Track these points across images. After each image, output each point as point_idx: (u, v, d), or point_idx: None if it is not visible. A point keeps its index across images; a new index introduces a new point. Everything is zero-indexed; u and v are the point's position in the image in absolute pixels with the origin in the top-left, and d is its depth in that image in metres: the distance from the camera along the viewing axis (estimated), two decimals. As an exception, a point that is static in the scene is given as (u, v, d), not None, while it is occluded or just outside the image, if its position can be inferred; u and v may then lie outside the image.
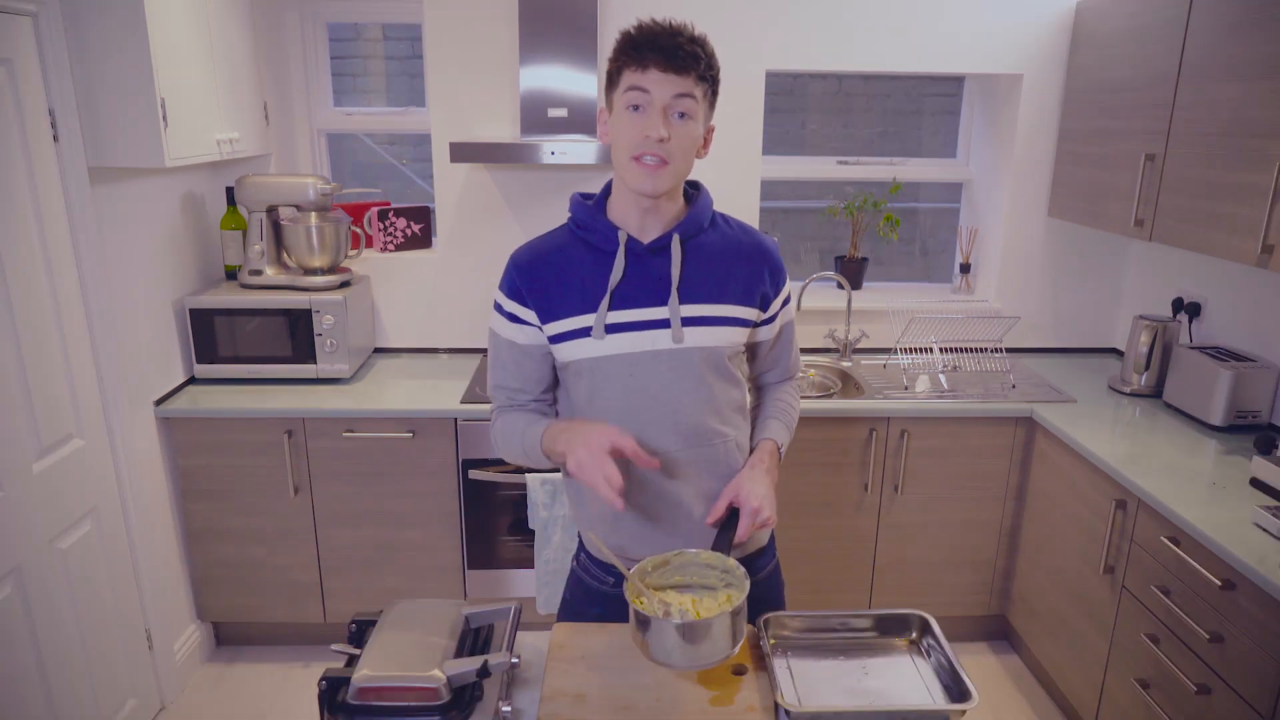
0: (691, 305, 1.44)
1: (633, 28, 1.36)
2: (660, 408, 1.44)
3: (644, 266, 1.44)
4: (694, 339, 1.43)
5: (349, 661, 1.26)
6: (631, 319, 1.42)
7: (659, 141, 1.34)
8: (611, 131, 1.41)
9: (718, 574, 1.35)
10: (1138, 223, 2.55)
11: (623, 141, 1.37)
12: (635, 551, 1.49)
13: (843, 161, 3.39)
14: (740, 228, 1.53)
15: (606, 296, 1.42)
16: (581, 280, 1.44)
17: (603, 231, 1.44)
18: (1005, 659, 2.97)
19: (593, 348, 1.42)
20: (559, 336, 1.44)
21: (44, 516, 2.14)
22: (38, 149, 2.12)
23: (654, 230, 1.45)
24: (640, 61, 1.34)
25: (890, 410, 2.74)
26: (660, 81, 1.33)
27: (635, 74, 1.34)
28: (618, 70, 1.38)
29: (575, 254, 1.46)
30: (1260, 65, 2.07)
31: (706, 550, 1.37)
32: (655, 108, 1.34)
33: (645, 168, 1.36)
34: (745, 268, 1.49)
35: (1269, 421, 2.49)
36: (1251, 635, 1.80)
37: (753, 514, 1.39)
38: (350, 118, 3.30)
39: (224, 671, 2.86)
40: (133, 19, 2.21)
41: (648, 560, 1.34)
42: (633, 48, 1.34)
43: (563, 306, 1.43)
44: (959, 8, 2.98)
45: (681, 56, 1.33)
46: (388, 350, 3.27)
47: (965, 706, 1.23)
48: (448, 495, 2.77)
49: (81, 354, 2.30)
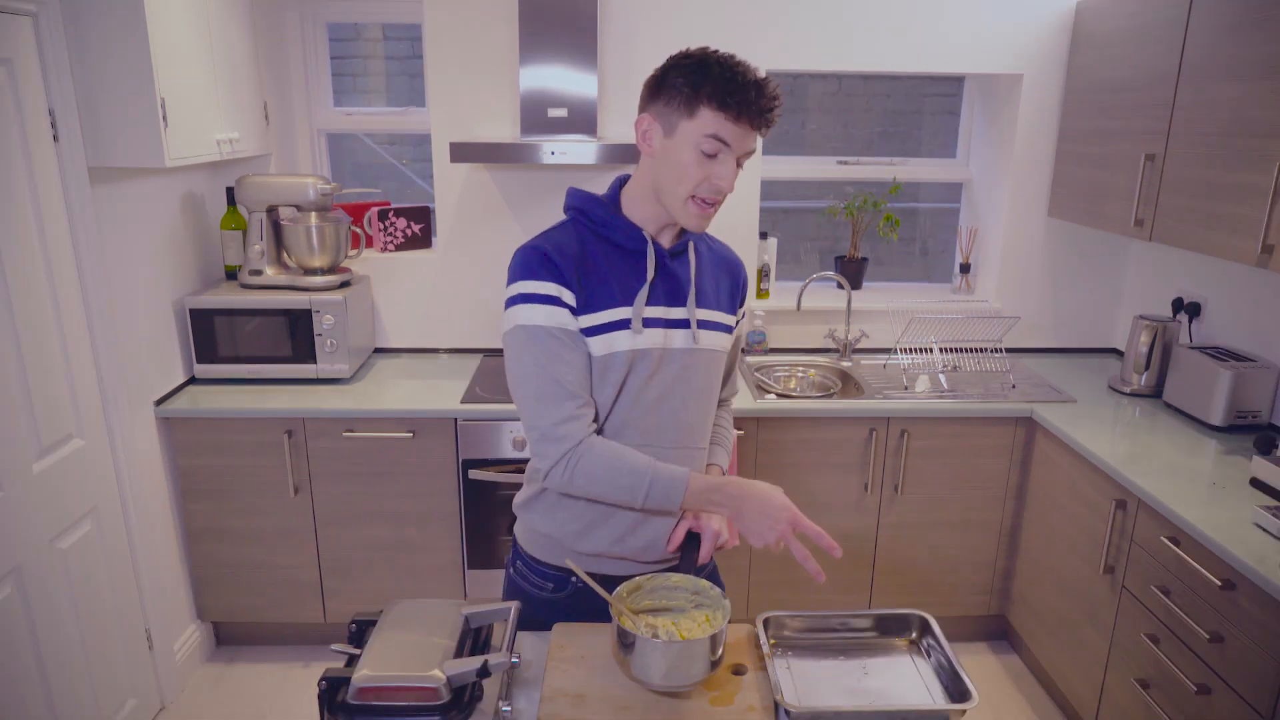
0: (702, 309, 1.50)
1: (725, 66, 1.30)
2: (666, 404, 1.46)
3: (666, 268, 1.47)
4: (706, 341, 1.49)
5: (349, 661, 1.26)
6: (660, 315, 1.45)
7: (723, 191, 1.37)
8: (671, 160, 1.36)
9: (688, 595, 1.38)
10: (1138, 223, 2.55)
11: (687, 179, 1.35)
12: (614, 550, 1.50)
13: (843, 161, 3.39)
14: (718, 243, 1.62)
15: (645, 289, 1.42)
16: (612, 274, 1.42)
17: (626, 229, 1.44)
18: (1005, 659, 2.97)
19: (631, 340, 1.41)
20: (595, 329, 1.40)
21: (44, 516, 2.14)
22: (38, 149, 2.12)
23: (666, 237, 1.49)
24: (734, 111, 1.30)
25: (890, 410, 2.74)
26: (745, 139, 1.34)
27: (725, 124, 1.31)
28: (699, 104, 1.31)
29: (601, 249, 1.44)
30: (1260, 65, 2.08)
31: (676, 574, 1.39)
32: (732, 160, 1.35)
33: (702, 209, 1.38)
34: (728, 277, 1.58)
35: (1269, 421, 2.49)
36: (1251, 635, 1.80)
37: (713, 536, 1.46)
38: (350, 118, 3.30)
39: (224, 671, 2.86)
40: (133, 19, 2.21)
41: (622, 586, 1.35)
42: (730, 93, 1.29)
43: (599, 298, 1.40)
44: (959, 8, 2.98)
45: (769, 122, 1.35)
46: (388, 350, 3.27)
47: (965, 706, 1.24)
48: (448, 495, 2.77)
49: (81, 354, 2.30)
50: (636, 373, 1.43)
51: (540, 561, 1.56)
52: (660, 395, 1.46)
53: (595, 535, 1.49)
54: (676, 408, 1.47)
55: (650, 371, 1.44)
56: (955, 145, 3.46)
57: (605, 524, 1.49)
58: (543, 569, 1.56)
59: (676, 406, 1.47)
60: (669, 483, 1.37)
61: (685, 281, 1.48)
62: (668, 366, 1.46)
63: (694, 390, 1.49)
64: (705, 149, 1.33)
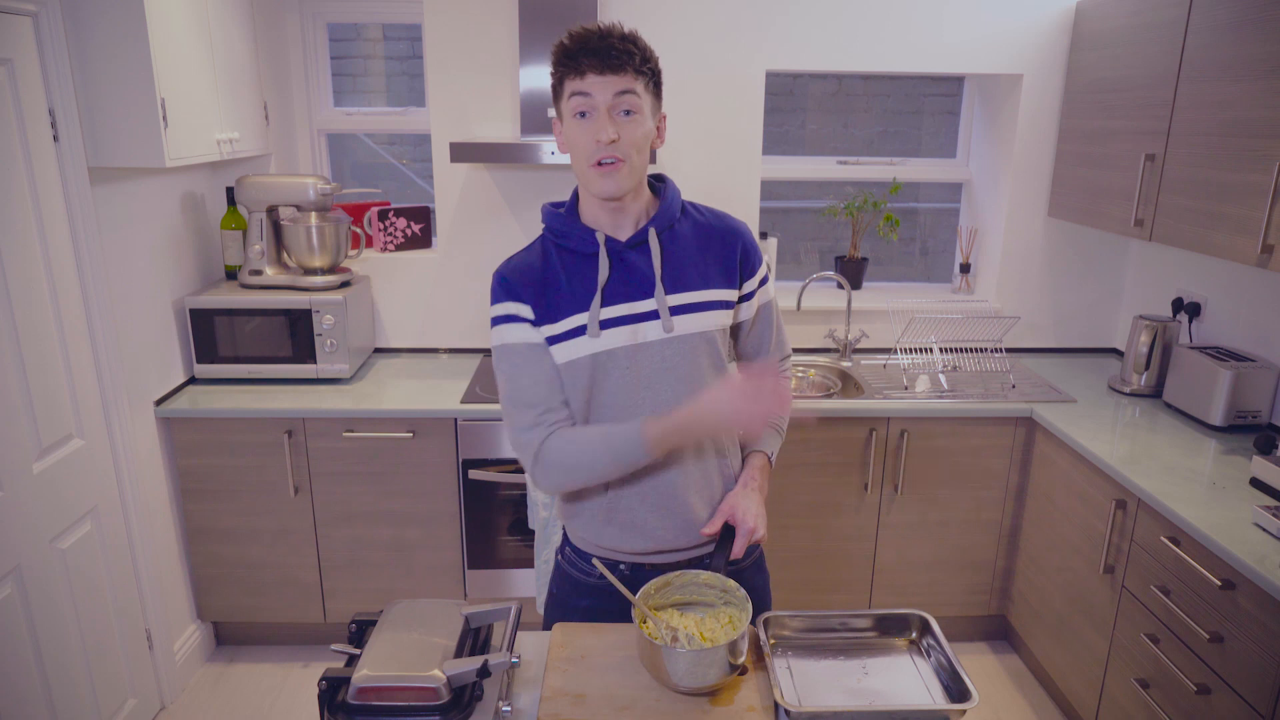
0: (677, 294, 1.47)
1: (565, 37, 1.39)
2: (656, 397, 1.46)
3: (626, 263, 1.47)
4: (684, 326, 1.47)
5: (349, 661, 1.26)
6: (623, 313, 1.45)
7: (610, 143, 1.37)
8: (566, 142, 1.44)
9: (717, 593, 1.41)
10: (1138, 223, 2.55)
11: (578, 150, 1.41)
12: (627, 544, 1.53)
13: (842, 161, 3.39)
14: (711, 213, 1.57)
15: (598, 293, 1.44)
16: (570, 283, 1.46)
17: (579, 235, 1.47)
18: (1005, 659, 2.97)
19: (590, 344, 1.44)
20: (556, 338, 1.46)
21: (44, 516, 2.14)
22: (38, 149, 2.12)
23: (627, 228, 1.48)
24: (577, 68, 1.36)
25: (890, 410, 2.74)
26: (599, 84, 1.36)
27: (575, 81, 1.37)
28: (559, 81, 1.41)
29: (558, 260, 1.48)
30: (1260, 65, 2.07)
31: (705, 571, 1.42)
32: (600, 111, 1.37)
33: (604, 170, 1.39)
34: (719, 249, 1.52)
35: (1269, 421, 2.49)
36: (1251, 635, 1.80)
37: (749, 534, 1.45)
38: (350, 118, 3.30)
39: (224, 671, 2.86)
40: (133, 19, 2.21)
41: (651, 583, 1.39)
42: (567, 56, 1.37)
43: (556, 309, 1.46)
44: (959, 8, 2.98)
45: (615, 55, 1.36)
46: (388, 350, 3.27)
47: (965, 706, 1.24)
48: (448, 495, 2.77)
49: (81, 354, 2.30)
50: (607, 374, 1.45)
51: (586, 551, 1.60)
52: (644, 389, 1.46)
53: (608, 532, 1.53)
54: (667, 398, 1.47)
55: (623, 370, 1.45)
56: (955, 145, 3.46)
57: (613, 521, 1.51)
58: (589, 556, 1.59)
59: (666, 397, 1.47)
60: (625, 438, 1.42)
61: (649, 272, 1.46)
62: (643, 361, 1.46)
63: (682, 377, 1.47)
64: (575, 111, 1.39)
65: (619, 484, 1.50)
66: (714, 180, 3.11)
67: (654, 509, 1.50)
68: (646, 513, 1.50)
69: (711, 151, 3.08)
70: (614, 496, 1.51)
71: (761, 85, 3.04)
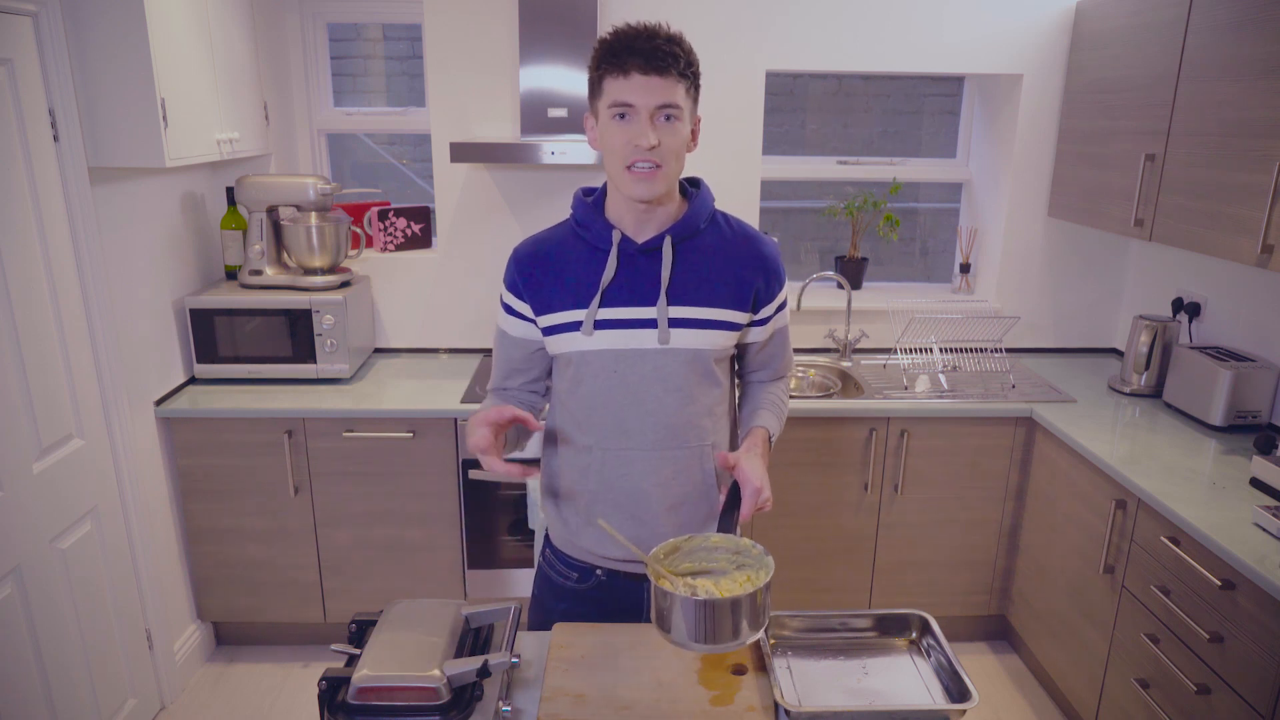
0: (680, 307, 1.44)
1: (609, 34, 1.37)
2: (639, 405, 1.45)
3: (636, 266, 1.45)
4: (680, 341, 1.44)
5: (349, 661, 1.26)
6: (620, 317, 1.44)
7: (649, 149, 1.34)
8: (601, 140, 1.40)
9: (729, 556, 1.33)
10: (1138, 223, 2.55)
11: (613, 150, 1.38)
12: (604, 549, 1.52)
13: (842, 161, 3.39)
14: (740, 230, 1.52)
15: (598, 295, 1.43)
16: (576, 276, 1.46)
17: (598, 230, 1.46)
18: (1005, 659, 2.97)
19: (580, 342, 1.44)
20: (551, 329, 1.47)
21: (44, 516, 2.14)
22: (38, 149, 2.12)
23: (650, 230, 1.46)
24: (621, 67, 1.34)
25: (890, 410, 2.74)
26: (644, 86, 1.33)
27: (618, 81, 1.34)
28: (599, 79, 1.37)
29: (572, 250, 1.48)
30: (1260, 65, 2.07)
31: (716, 533, 1.35)
32: (642, 115, 1.34)
33: (639, 175, 1.37)
34: (738, 271, 1.48)
35: (1269, 421, 2.49)
36: (1251, 635, 1.80)
37: (755, 493, 1.36)
38: (350, 118, 3.30)
39: (224, 671, 2.86)
40: (133, 19, 2.21)
41: (659, 548, 1.31)
42: (612, 54, 1.35)
43: (556, 300, 1.46)
44: (959, 7, 2.98)
45: (661, 57, 1.33)
46: (388, 350, 3.27)
47: (965, 706, 1.24)
48: (448, 495, 2.77)
49: (81, 354, 2.30)
50: (593, 373, 1.45)
51: (564, 553, 1.59)
52: (628, 395, 1.44)
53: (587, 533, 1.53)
54: (652, 408, 1.45)
55: (609, 373, 1.44)
56: (955, 145, 3.46)
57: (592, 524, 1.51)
58: (567, 559, 1.59)
59: (652, 407, 1.45)
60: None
61: (658, 279, 1.44)
62: (631, 368, 1.43)
63: (672, 389, 1.44)
64: (616, 112, 1.36)
65: (597, 493, 1.49)
66: (714, 180, 3.06)
67: (629, 519, 1.49)
68: (621, 522, 1.48)
69: (712, 151, 3.08)
70: (590, 504, 1.50)
71: (761, 85, 3.04)
